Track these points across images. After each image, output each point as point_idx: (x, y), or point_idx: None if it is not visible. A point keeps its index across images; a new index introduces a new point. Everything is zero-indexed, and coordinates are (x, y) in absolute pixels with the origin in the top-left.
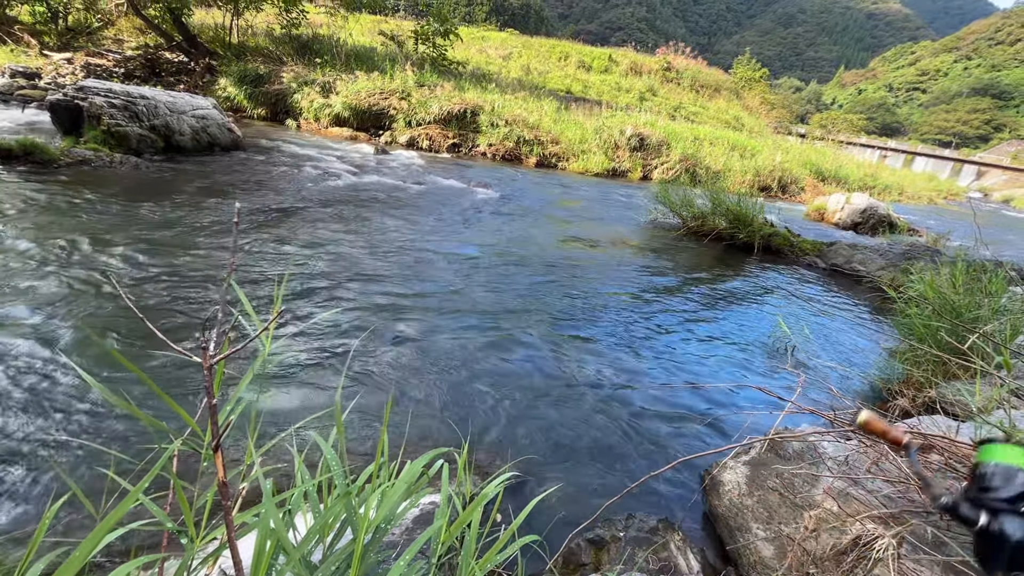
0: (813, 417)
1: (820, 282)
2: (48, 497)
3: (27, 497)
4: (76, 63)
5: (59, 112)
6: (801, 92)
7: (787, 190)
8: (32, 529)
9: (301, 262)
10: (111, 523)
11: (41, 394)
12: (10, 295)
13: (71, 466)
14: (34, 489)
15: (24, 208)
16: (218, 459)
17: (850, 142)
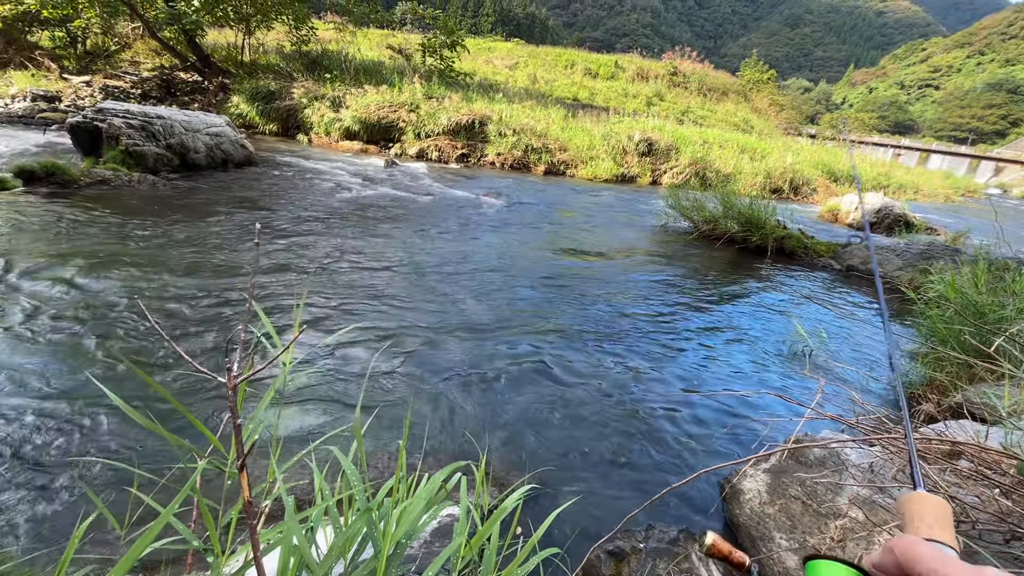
0: (834, 424)
1: (836, 284)
2: (73, 514)
3: (55, 515)
4: (95, 85)
5: (79, 134)
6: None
7: (799, 191)
8: (60, 547)
9: (316, 277)
10: (144, 546)
11: (66, 412)
12: (36, 313)
13: (96, 483)
14: (61, 507)
15: (48, 228)
16: (243, 478)
17: (862, 141)
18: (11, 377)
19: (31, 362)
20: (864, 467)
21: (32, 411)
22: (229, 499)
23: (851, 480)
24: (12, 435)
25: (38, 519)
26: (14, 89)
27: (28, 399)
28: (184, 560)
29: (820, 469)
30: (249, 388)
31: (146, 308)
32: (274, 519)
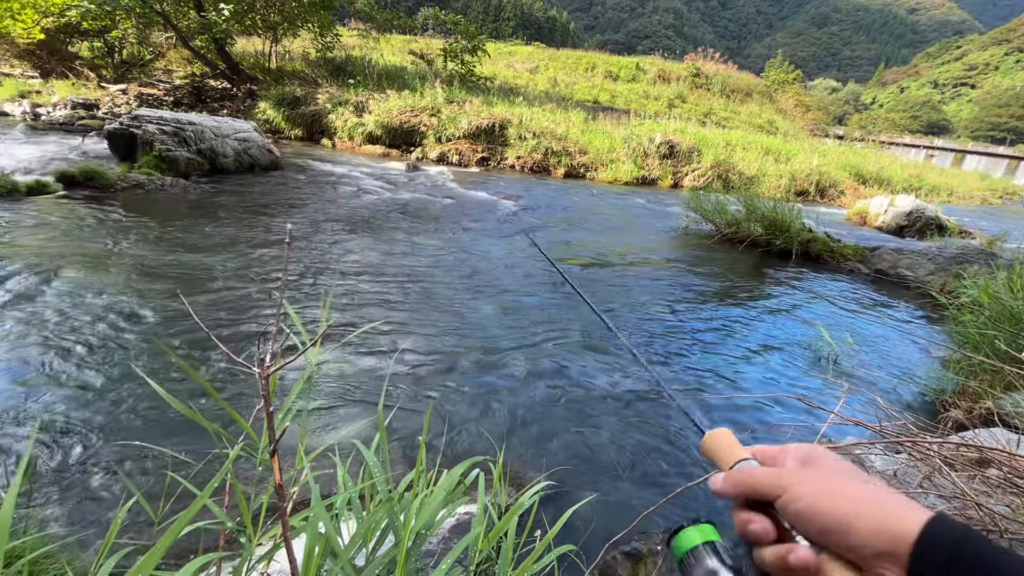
0: (858, 429)
1: (863, 289)
2: (111, 497)
3: (93, 499)
4: (130, 93)
5: (116, 140)
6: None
7: (825, 194)
8: (97, 530)
9: (341, 276)
10: (181, 526)
11: (105, 399)
12: (78, 307)
13: (132, 467)
14: (100, 491)
15: (86, 230)
16: (275, 463)
17: (892, 142)
18: (53, 366)
19: (73, 352)
20: (888, 474)
21: (75, 399)
22: (259, 485)
23: None
24: (56, 420)
25: (78, 503)
26: (56, 97)
27: (70, 388)
28: (216, 543)
29: None
30: (279, 381)
31: (174, 303)
32: (298, 509)
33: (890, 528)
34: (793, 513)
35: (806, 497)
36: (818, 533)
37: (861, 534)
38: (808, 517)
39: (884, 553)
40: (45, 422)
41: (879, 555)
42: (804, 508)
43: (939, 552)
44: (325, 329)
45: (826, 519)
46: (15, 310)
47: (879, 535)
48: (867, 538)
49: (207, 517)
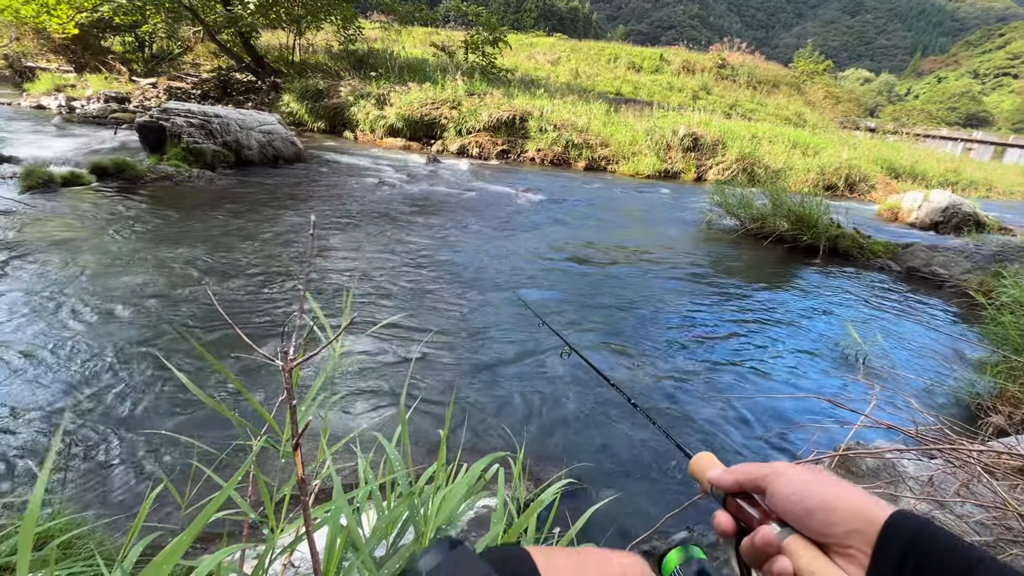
0: (889, 433)
1: (894, 287)
2: (138, 483)
3: (121, 484)
4: (160, 87)
5: (146, 132)
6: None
7: (855, 188)
8: (125, 514)
9: (362, 270)
10: (207, 517)
11: (132, 387)
12: (108, 297)
13: (159, 454)
14: (127, 477)
15: (118, 219)
16: (297, 456)
17: (928, 135)
18: (84, 353)
19: (102, 340)
20: (923, 480)
21: (104, 386)
22: (281, 475)
23: (908, 493)
24: (85, 406)
25: (106, 487)
26: (89, 91)
27: (99, 375)
28: (238, 532)
29: (873, 480)
30: (302, 373)
31: (204, 295)
32: (319, 499)
33: (864, 512)
34: (783, 494)
35: (795, 482)
36: (802, 511)
37: (840, 513)
38: (796, 498)
39: (856, 531)
40: (75, 408)
41: (851, 532)
42: (793, 490)
43: (904, 531)
44: (348, 324)
45: (812, 499)
46: (47, 298)
47: (854, 515)
48: (845, 516)
49: (231, 506)
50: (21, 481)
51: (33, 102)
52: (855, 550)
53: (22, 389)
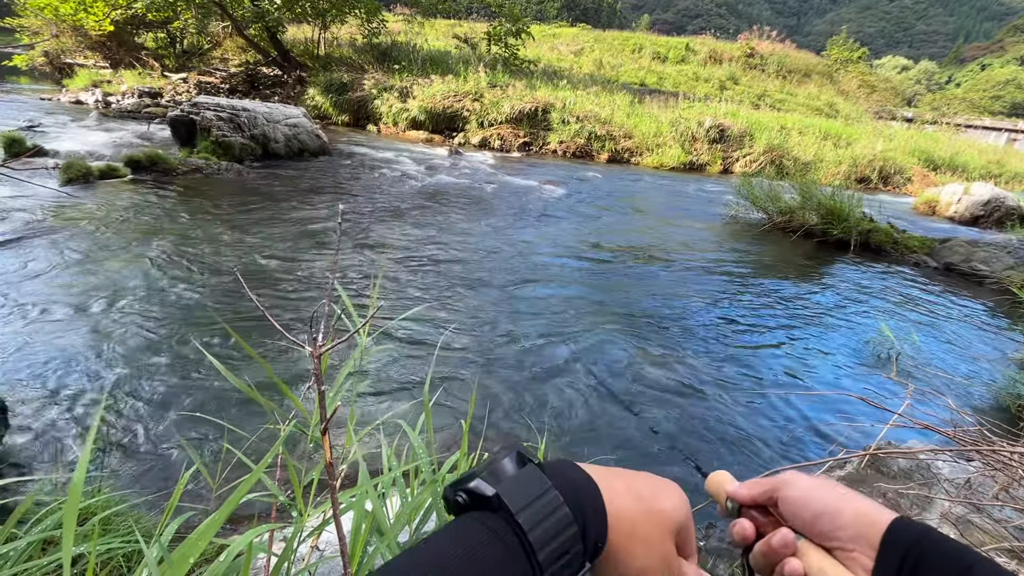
0: (924, 433)
1: (931, 284)
2: (170, 463)
3: (155, 465)
4: (190, 82)
5: (177, 126)
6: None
7: (890, 181)
8: (159, 493)
9: (386, 260)
10: (239, 498)
11: (168, 369)
12: (143, 285)
13: (191, 436)
14: (161, 456)
15: (152, 210)
16: (325, 441)
17: (969, 125)
18: (120, 338)
19: (137, 325)
20: (959, 482)
21: (140, 368)
22: (308, 459)
23: (943, 495)
24: (122, 388)
25: (142, 467)
26: (124, 86)
27: (136, 358)
28: (266, 513)
29: (905, 481)
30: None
31: (227, 281)
32: (344, 484)
33: (867, 516)
34: (792, 500)
35: (803, 488)
36: (810, 516)
37: (846, 517)
38: (804, 503)
39: (860, 535)
40: (112, 389)
41: (856, 536)
42: (801, 495)
43: (906, 536)
44: (375, 312)
45: (818, 504)
46: (84, 285)
47: (858, 520)
48: (849, 521)
49: (260, 488)
50: (64, 459)
51: (72, 97)
52: (859, 553)
53: (63, 370)
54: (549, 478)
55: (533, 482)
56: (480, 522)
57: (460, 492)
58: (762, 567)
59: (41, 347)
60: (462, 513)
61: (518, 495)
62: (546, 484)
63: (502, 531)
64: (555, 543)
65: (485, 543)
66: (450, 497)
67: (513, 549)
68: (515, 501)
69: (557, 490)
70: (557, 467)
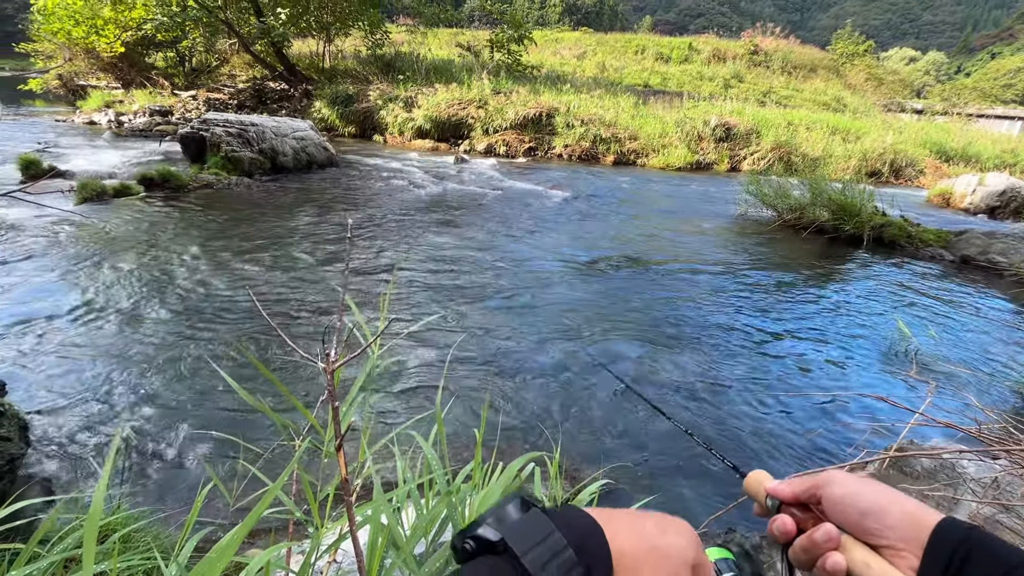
0: (947, 432)
1: (947, 277)
2: (188, 480)
3: (173, 481)
4: (199, 99)
5: (187, 143)
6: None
7: (901, 174)
8: (177, 510)
9: (396, 270)
10: (256, 516)
11: (184, 386)
12: (159, 303)
13: (207, 452)
14: (178, 474)
15: (164, 227)
16: (340, 457)
17: (981, 114)
18: (137, 356)
19: (154, 344)
20: (985, 482)
21: (157, 386)
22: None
23: (969, 495)
24: (138, 406)
25: (160, 483)
26: (136, 106)
27: (152, 376)
28: (283, 528)
29: (930, 482)
30: (342, 374)
31: (239, 296)
32: (359, 499)
33: (915, 516)
34: (837, 497)
35: (849, 486)
36: (856, 514)
37: (894, 516)
38: (850, 501)
39: (908, 535)
40: (130, 407)
41: (904, 536)
42: (847, 493)
43: (954, 535)
44: (385, 326)
45: (865, 502)
46: (98, 304)
47: (906, 520)
48: (897, 520)
49: (277, 503)
50: (83, 472)
51: (86, 118)
52: (907, 552)
53: (81, 387)
54: (552, 521)
55: (537, 525)
56: (487, 566)
57: (468, 540)
58: (803, 562)
59: (57, 364)
60: (469, 560)
61: (523, 538)
62: (550, 527)
63: (508, 574)
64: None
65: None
66: (458, 545)
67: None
68: (520, 545)
69: (560, 532)
70: (561, 512)
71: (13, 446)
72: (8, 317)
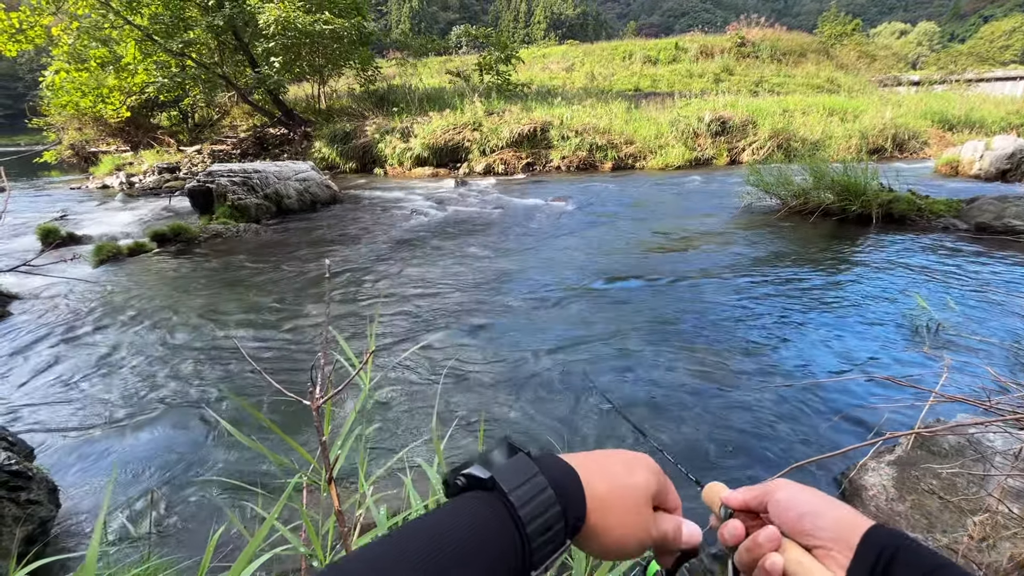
0: (969, 407)
1: (963, 247)
2: (205, 525)
3: (185, 525)
4: (204, 152)
5: (195, 196)
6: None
7: (905, 148)
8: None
9: (395, 300)
10: (254, 546)
11: (186, 435)
12: (166, 355)
13: (217, 497)
14: (189, 519)
15: (175, 282)
16: (332, 491)
17: (980, 79)
18: (144, 405)
19: (161, 393)
20: (1013, 454)
21: (162, 436)
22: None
23: (995, 471)
24: (146, 456)
25: (183, 532)
26: (144, 166)
27: (159, 424)
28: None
29: (957, 459)
30: (335, 408)
31: (249, 341)
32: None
33: (848, 521)
34: (780, 502)
35: (790, 492)
36: (795, 516)
37: (828, 519)
38: (791, 504)
39: (839, 536)
40: (151, 461)
41: (835, 538)
42: (788, 497)
43: (882, 539)
44: (368, 359)
45: (803, 506)
46: (113, 362)
47: (838, 523)
48: (831, 522)
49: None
50: (112, 531)
51: (98, 183)
52: (837, 552)
53: (101, 451)
54: (536, 464)
55: (523, 468)
56: (479, 500)
57: (460, 476)
58: (746, 563)
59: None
60: (459, 494)
61: (510, 478)
62: (534, 469)
63: (497, 507)
64: (540, 520)
65: (486, 515)
66: (450, 481)
67: (507, 522)
68: (508, 483)
69: (543, 475)
70: (542, 457)
71: (43, 509)
72: (30, 384)
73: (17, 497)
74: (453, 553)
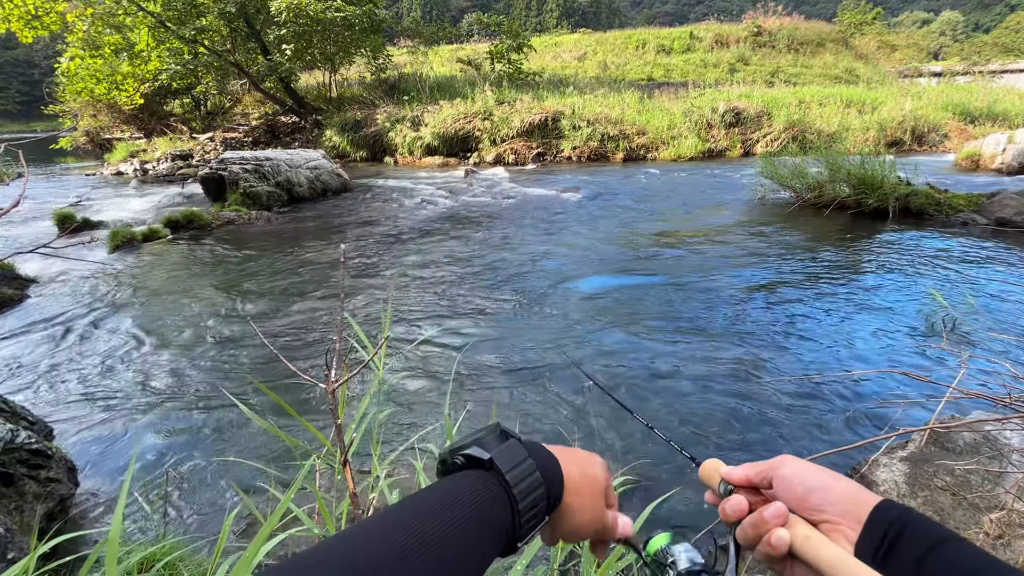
0: (985, 404)
1: (983, 242)
2: (221, 506)
3: (202, 508)
4: (216, 140)
5: (208, 183)
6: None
7: (924, 140)
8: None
9: (406, 287)
10: (271, 525)
11: (206, 418)
12: (184, 339)
13: (233, 478)
14: (206, 498)
15: (189, 267)
16: (347, 473)
17: (1005, 70)
18: (160, 387)
19: (177, 376)
20: None
21: (181, 417)
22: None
23: (1013, 467)
24: (161, 436)
25: (202, 512)
26: (158, 153)
27: (177, 408)
28: None
29: (972, 455)
30: (353, 392)
31: (264, 325)
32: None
33: (856, 495)
34: (787, 477)
35: (797, 467)
36: (803, 491)
37: (837, 493)
38: (799, 479)
39: (848, 511)
40: (168, 441)
41: (844, 512)
42: (796, 472)
43: (890, 513)
44: (383, 343)
45: (812, 481)
46: (129, 345)
47: (848, 497)
48: (840, 496)
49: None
50: (106, 512)
51: (113, 170)
52: (845, 526)
53: (120, 431)
54: (525, 449)
55: (516, 452)
56: (476, 477)
57: (459, 456)
58: (751, 538)
59: (94, 406)
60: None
61: (507, 459)
62: (524, 453)
63: (493, 485)
64: (530, 498)
65: (484, 491)
66: (448, 460)
67: (502, 498)
68: (504, 463)
69: (532, 459)
70: (529, 443)
71: (63, 487)
72: (49, 365)
73: (37, 475)
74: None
